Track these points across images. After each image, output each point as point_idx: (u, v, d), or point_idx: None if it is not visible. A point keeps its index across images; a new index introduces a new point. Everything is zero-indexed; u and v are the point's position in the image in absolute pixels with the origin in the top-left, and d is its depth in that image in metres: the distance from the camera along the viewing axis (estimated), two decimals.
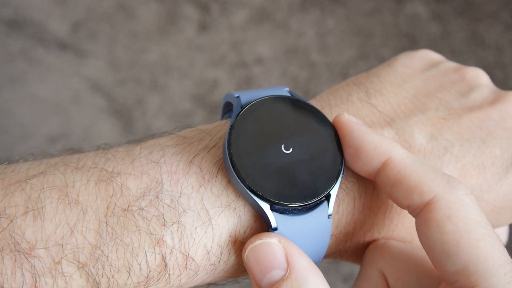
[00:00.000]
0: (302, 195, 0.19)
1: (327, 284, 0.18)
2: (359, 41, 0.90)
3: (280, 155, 0.20)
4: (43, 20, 0.85)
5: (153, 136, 0.22)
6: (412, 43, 0.90)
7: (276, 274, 0.18)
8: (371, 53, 0.89)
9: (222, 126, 0.22)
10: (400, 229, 0.22)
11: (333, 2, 0.93)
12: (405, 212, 0.22)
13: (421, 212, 0.18)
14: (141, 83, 0.82)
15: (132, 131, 0.78)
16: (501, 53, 0.90)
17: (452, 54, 0.90)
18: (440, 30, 0.92)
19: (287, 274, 0.18)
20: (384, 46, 0.90)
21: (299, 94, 0.92)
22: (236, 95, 0.21)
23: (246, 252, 0.19)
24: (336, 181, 0.20)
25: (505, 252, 0.18)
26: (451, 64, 0.25)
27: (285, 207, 0.19)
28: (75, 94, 0.80)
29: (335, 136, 0.21)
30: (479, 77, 0.25)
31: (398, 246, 0.21)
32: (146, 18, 0.87)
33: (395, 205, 0.22)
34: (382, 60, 0.91)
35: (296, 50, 0.88)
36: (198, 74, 0.84)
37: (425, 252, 0.20)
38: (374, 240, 0.22)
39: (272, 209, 0.19)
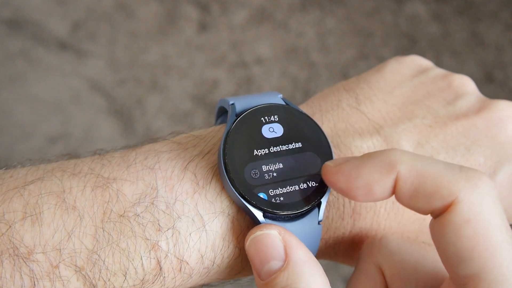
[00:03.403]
0: (293, 204, 0.20)
1: (326, 278, 0.18)
2: (359, 41, 0.90)
3: (273, 164, 0.20)
4: (43, 20, 0.85)
5: (148, 141, 0.22)
6: (412, 43, 0.90)
7: (274, 264, 0.18)
8: (371, 53, 0.89)
9: (216, 132, 0.22)
10: (387, 233, 0.22)
11: (333, 2, 0.93)
12: (392, 217, 0.22)
13: (441, 214, 0.18)
14: (141, 83, 0.82)
15: (132, 131, 0.78)
16: (501, 53, 0.90)
17: (452, 54, 0.90)
18: (440, 30, 0.92)
19: (284, 266, 0.18)
20: (384, 46, 0.90)
21: (299, 94, 0.91)
22: (231, 102, 0.21)
23: (247, 242, 0.19)
24: (327, 188, 0.20)
25: None
26: (439, 71, 0.26)
27: (278, 215, 0.19)
28: (75, 94, 0.80)
29: (326, 143, 0.21)
30: (466, 85, 0.25)
31: (396, 241, 0.21)
32: (146, 18, 0.88)
33: (382, 210, 0.22)
34: (382, 60, 0.91)
35: (296, 50, 0.88)
36: (198, 74, 0.84)
37: (423, 249, 0.20)
38: (363, 242, 0.22)
39: (265, 216, 0.20)
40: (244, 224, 0.20)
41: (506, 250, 0.17)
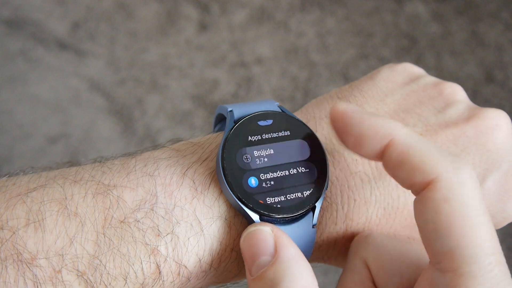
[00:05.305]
0: (289, 207, 0.20)
1: (313, 277, 0.19)
2: (359, 41, 0.90)
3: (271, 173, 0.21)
4: (43, 20, 0.85)
5: (147, 148, 0.22)
6: (412, 43, 0.90)
7: (264, 260, 0.19)
8: (371, 53, 0.90)
9: (214, 139, 0.23)
10: (373, 231, 0.23)
11: (333, 2, 0.93)
12: (384, 223, 0.23)
13: (422, 191, 0.18)
14: (141, 83, 0.83)
15: (132, 131, 0.79)
16: (501, 53, 0.90)
17: (452, 54, 0.90)
18: (440, 30, 0.92)
19: (273, 261, 0.18)
20: (384, 46, 0.90)
21: (299, 94, 0.91)
22: (229, 109, 0.22)
23: (242, 238, 0.20)
24: (322, 193, 0.21)
25: (497, 244, 0.18)
26: (431, 79, 0.26)
27: (273, 218, 0.20)
28: (75, 94, 0.80)
29: (321, 149, 0.22)
30: (456, 93, 0.25)
31: (381, 237, 0.22)
32: (146, 18, 0.88)
33: (374, 216, 0.23)
34: (382, 60, 0.91)
35: (296, 50, 0.88)
36: (198, 74, 0.85)
37: (407, 243, 0.21)
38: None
39: (262, 219, 0.20)
40: (241, 228, 0.21)
41: (482, 231, 0.17)
